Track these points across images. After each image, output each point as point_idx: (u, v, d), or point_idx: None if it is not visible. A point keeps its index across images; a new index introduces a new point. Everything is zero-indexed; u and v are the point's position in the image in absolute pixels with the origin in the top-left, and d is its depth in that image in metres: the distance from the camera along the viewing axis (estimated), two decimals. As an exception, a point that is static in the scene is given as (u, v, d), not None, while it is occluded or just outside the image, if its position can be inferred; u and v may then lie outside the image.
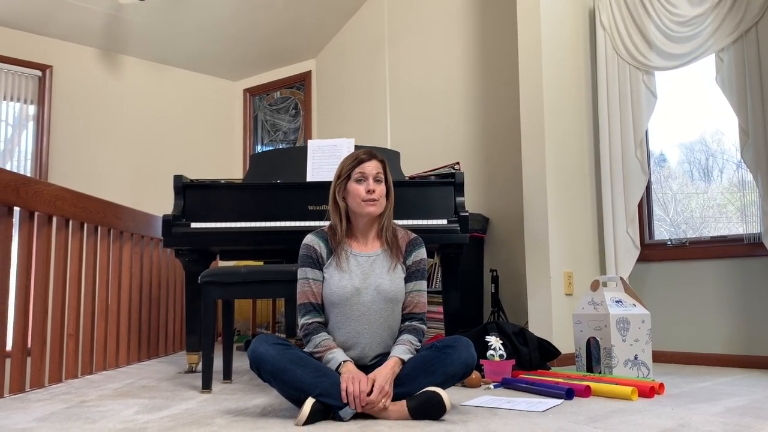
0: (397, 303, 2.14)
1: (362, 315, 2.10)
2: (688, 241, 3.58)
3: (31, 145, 5.20)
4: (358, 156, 2.14)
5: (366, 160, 2.13)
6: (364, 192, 2.10)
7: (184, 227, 3.00)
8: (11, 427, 1.90)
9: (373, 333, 2.11)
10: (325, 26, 5.74)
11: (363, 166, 2.12)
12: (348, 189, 2.13)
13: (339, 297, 2.09)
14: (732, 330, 3.35)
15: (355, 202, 2.12)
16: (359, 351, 2.11)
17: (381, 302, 2.11)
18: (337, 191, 2.16)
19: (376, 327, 2.11)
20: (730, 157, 3.58)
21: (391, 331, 2.15)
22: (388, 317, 2.13)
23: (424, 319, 2.18)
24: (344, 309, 2.10)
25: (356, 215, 2.16)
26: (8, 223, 2.60)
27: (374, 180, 2.12)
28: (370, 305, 2.10)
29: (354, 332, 2.11)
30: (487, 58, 4.48)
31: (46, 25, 5.16)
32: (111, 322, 3.46)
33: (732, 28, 3.25)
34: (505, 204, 4.25)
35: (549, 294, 3.46)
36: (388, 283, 2.12)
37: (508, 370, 2.77)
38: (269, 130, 6.38)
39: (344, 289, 2.09)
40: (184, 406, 2.24)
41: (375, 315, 2.11)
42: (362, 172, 2.12)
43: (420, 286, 2.19)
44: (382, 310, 2.11)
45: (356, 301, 2.10)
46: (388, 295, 2.11)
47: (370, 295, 2.10)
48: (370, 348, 2.12)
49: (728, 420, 1.89)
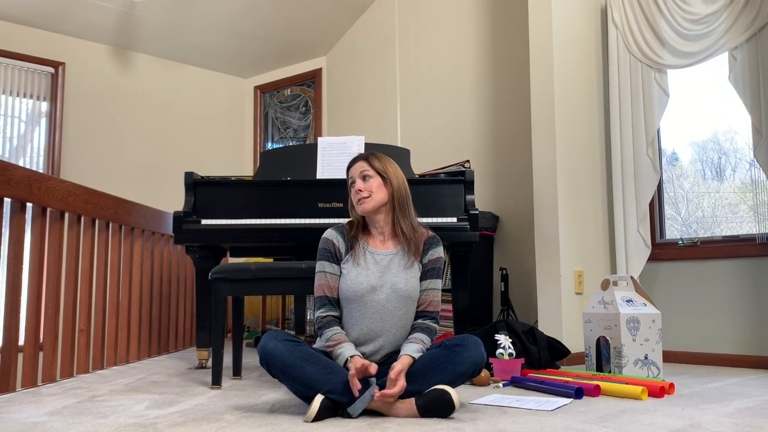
0: (412, 301, 2.15)
1: (377, 312, 2.11)
2: (700, 240, 3.56)
3: (44, 141, 5.24)
4: (349, 164, 2.24)
5: (351, 164, 2.23)
6: (353, 193, 2.19)
7: (195, 224, 3.02)
8: (23, 421, 1.92)
9: (388, 330, 2.12)
10: (335, 23, 5.74)
11: (350, 171, 2.23)
12: (350, 194, 2.23)
13: (354, 293, 2.11)
14: (744, 330, 3.33)
15: (353, 205, 2.20)
16: (374, 347, 2.13)
17: (396, 300, 2.12)
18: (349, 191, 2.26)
19: (391, 325, 2.12)
20: (743, 156, 3.55)
21: (405, 330, 2.16)
22: (402, 315, 2.14)
23: (437, 318, 2.18)
24: (360, 305, 2.11)
25: (365, 216, 2.22)
26: (21, 219, 2.62)
27: (360, 179, 2.17)
28: (386, 303, 2.11)
29: (369, 329, 2.12)
30: (498, 55, 4.46)
31: (59, 23, 5.20)
32: (122, 318, 3.48)
33: (745, 26, 3.22)
34: (515, 202, 4.24)
35: (559, 293, 3.45)
36: (404, 281, 2.13)
37: (518, 368, 2.76)
38: (279, 127, 6.39)
39: (360, 285, 2.11)
40: (194, 402, 2.25)
41: (390, 313, 2.11)
42: (351, 176, 2.22)
43: (434, 285, 2.19)
44: (397, 308, 2.12)
45: (372, 299, 2.11)
46: (403, 293, 2.12)
47: (385, 293, 2.11)
48: (384, 345, 2.13)
49: (739, 421, 1.88)
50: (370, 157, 2.21)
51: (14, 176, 2.55)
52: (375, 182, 2.16)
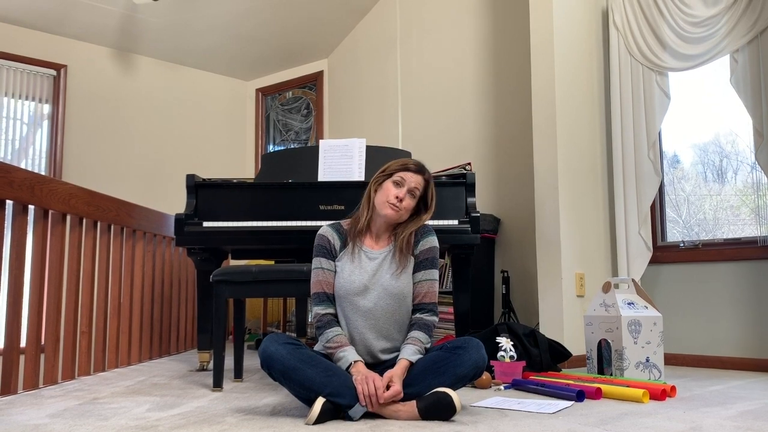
0: (404, 298, 2.15)
1: (369, 311, 2.12)
2: (701, 243, 3.55)
3: (46, 143, 5.25)
4: (408, 163, 2.17)
5: (412, 170, 2.16)
6: (393, 196, 2.12)
7: (196, 226, 3.02)
8: (25, 423, 1.92)
9: (379, 328, 2.13)
10: (337, 26, 5.75)
11: (406, 174, 2.15)
12: (383, 185, 2.16)
13: (347, 291, 2.12)
14: (745, 333, 3.33)
15: (380, 200, 2.15)
16: (365, 345, 2.13)
17: (387, 299, 2.12)
18: (374, 182, 2.20)
19: (383, 322, 2.13)
20: (745, 159, 3.55)
21: (398, 325, 2.16)
22: (394, 312, 2.14)
23: (434, 310, 2.17)
24: (351, 303, 2.12)
25: (376, 212, 2.18)
26: (23, 221, 2.63)
27: (408, 191, 2.14)
28: (377, 301, 2.12)
29: (360, 326, 2.12)
30: (499, 58, 4.47)
31: (61, 25, 5.21)
32: (123, 320, 3.48)
33: (747, 28, 3.22)
34: (516, 205, 4.24)
35: (560, 295, 3.45)
36: (395, 280, 2.13)
37: (519, 371, 2.76)
38: (281, 129, 6.40)
39: (353, 284, 2.12)
40: (195, 404, 2.25)
41: (382, 311, 2.12)
42: (403, 178, 2.14)
43: (429, 276, 2.18)
44: (389, 305, 2.13)
45: (363, 297, 2.12)
46: (394, 291, 2.12)
47: (377, 291, 2.12)
48: (375, 342, 2.14)
49: (741, 424, 1.88)
50: (430, 183, 2.20)
51: (16, 178, 2.56)
52: (411, 204, 2.16)
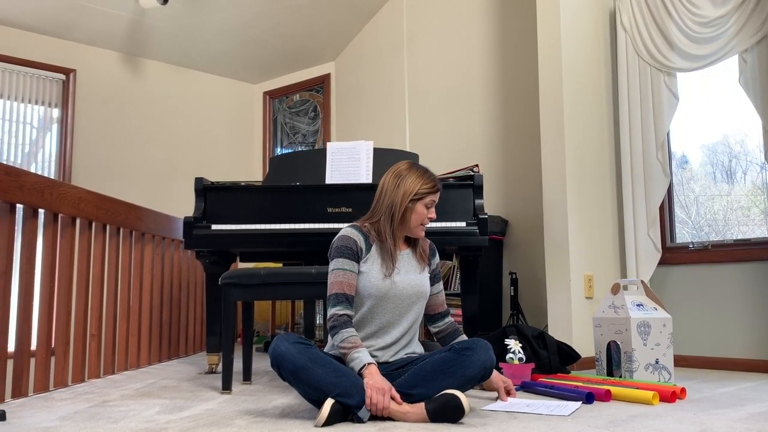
0: (423, 298, 2.28)
1: (396, 307, 2.21)
2: (711, 244, 3.53)
3: (55, 147, 5.28)
4: (436, 185, 2.25)
5: (439, 191, 2.26)
6: (426, 218, 2.24)
7: (205, 229, 3.03)
8: (36, 426, 1.93)
9: (403, 324, 2.23)
10: (344, 29, 5.76)
11: (435, 196, 2.26)
12: (415, 208, 2.22)
13: (378, 289, 2.18)
14: (756, 334, 3.30)
15: (414, 223, 2.24)
16: (387, 340, 2.21)
17: (412, 296, 2.23)
18: (405, 202, 2.20)
19: (405, 319, 2.23)
20: (754, 159, 3.53)
21: (415, 323, 2.29)
22: (415, 310, 2.26)
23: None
24: (381, 300, 2.19)
25: (403, 228, 2.25)
26: (33, 225, 2.64)
27: (434, 207, 2.28)
28: (405, 299, 2.22)
29: (387, 322, 2.21)
30: (507, 59, 4.46)
31: (70, 30, 5.24)
32: (133, 323, 3.50)
33: (756, 28, 3.20)
34: (524, 206, 4.23)
35: (569, 297, 3.44)
36: (419, 279, 2.26)
37: (528, 373, 2.75)
38: (289, 132, 6.42)
39: (384, 282, 2.19)
40: (204, 407, 2.26)
41: (407, 308, 2.23)
42: (433, 200, 2.25)
43: (440, 287, 2.42)
44: (413, 303, 2.24)
45: (393, 294, 2.20)
46: (419, 289, 2.25)
47: (403, 287, 2.21)
48: (397, 338, 2.22)
49: (752, 426, 1.87)
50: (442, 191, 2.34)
51: (26, 182, 2.57)
52: None
